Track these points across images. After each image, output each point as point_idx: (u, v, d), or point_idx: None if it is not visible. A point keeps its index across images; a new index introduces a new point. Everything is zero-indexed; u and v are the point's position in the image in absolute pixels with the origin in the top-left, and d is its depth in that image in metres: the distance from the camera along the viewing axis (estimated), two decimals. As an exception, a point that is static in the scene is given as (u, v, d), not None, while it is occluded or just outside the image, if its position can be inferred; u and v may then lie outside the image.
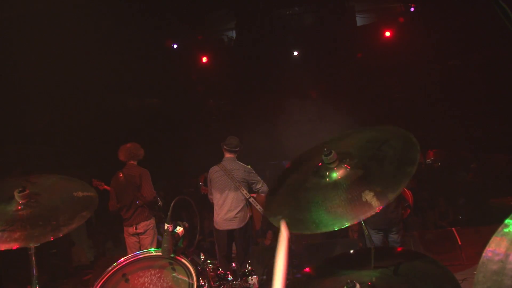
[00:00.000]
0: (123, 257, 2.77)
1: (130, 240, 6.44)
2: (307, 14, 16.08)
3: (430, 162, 16.26)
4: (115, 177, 6.51)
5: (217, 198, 6.11)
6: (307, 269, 2.26)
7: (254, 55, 14.57)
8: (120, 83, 13.25)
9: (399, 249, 2.98)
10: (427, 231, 8.87)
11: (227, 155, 6.23)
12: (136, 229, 6.32)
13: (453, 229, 7.81)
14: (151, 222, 6.41)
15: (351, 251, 2.32)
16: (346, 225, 1.82)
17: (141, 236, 6.35)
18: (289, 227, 2.00)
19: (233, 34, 16.54)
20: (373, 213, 1.78)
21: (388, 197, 1.80)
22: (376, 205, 1.79)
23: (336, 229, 1.86)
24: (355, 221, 1.82)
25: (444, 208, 10.59)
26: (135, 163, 6.48)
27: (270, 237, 9.63)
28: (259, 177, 6.23)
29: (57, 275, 8.89)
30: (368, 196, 1.83)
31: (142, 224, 6.32)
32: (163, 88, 14.77)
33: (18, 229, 2.30)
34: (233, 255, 6.70)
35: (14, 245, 2.25)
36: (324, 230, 1.89)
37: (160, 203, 6.60)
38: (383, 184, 1.87)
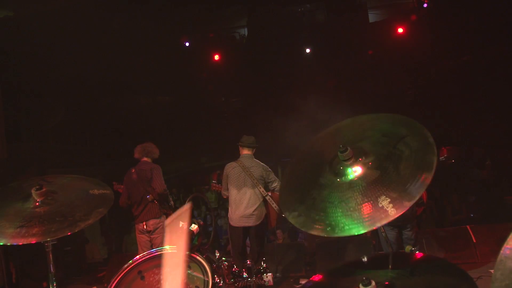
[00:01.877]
0: (138, 254, 2.78)
1: (142, 239, 6.42)
2: (319, 11, 16.01)
3: (444, 159, 16.11)
4: (128, 173, 6.52)
5: (233, 194, 6.01)
6: (318, 276, 2.23)
7: (266, 53, 14.55)
8: (132, 81, 13.33)
9: (419, 254, 2.95)
10: (441, 228, 8.78)
11: (244, 151, 6.15)
12: (146, 226, 6.30)
13: (467, 226, 7.70)
14: (162, 220, 6.37)
15: (365, 259, 2.28)
16: (362, 232, 1.81)
17: (152, 236, 6.34)
18: (306, 227, 1.99)
19: (244, 31, 16.53)
20: (389, 220, 1.77)
21: (404, 205, 1.79)
22: (393, 213, 1.77)
23: (355, 234, 1.85)
24: (372, 228, 1.80)
25: (458, 205, 10.49)
26: (149, 160, 6.50)
27: (280, 236, 9.63)
28: (276, 177, 6.19)
29: (71, 272, 8.96)
30: (384, 202, 1.82)
31: (152, 222, 6.27)
32: (175, 86, 14.83)
33: (36, 225, 2.34)
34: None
35: (32, 240, 2.29)
36: (340, 234, 1.87)
37: (171, 202, 6.57)
38: (399, 190, 1.85)
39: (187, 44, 15.15)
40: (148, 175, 6.26)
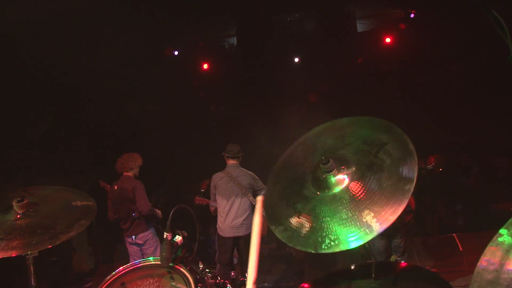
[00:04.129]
0: (123, 265, 2.77)
1: (132, 249, 6.44)
2: (308, 20, 16.10)
3: (431, 167, 16.20)
4: (111, 188, 6.51)
5: (223, 205, 6.01)
6: (304, 285, 2.25)
7: (255, 61, 14.59)
8: (121, 90, 13.27)
9: (402, 263, 2.99)
10: (428, 237, 8.84)
11: (230, 161, 6.19)
12: (134, 239, 6.29)
13: (454, 235, 7.78)
14: (150, 232, 6.37)
15: (352, 267, 2.30)
16: (347, 248, 1.82)
17: (143, 248, 6.34)
18: (294, 242, 2.00)
19: (234, 40, 16.56)
20: (372, 236, 1.78)
21: (389, 219, 1.79)
22: (377, 229, 1.78)
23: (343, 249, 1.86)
24: (358, 245, 1.81)
25: (445, 213, 10.56)
26: (130, 174, 6.42)
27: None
28: (263, 184, 6.18)
29: (58, 283, 8.86)
30: (368, 217, 1.82)
31: (140, 235, 6.29)
32: (164, 95, 14.78)
33: (16, 237, 2.31)
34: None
35: (12, 253, 2.26)
36: (326, 251, 1.89)
37: (159, 215, 6.54)
38: (382, 203, 1.86)
39: (176, 53, 15.15)
40: (130, 196, 6.19)
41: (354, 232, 1.83)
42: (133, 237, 6.27)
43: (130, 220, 6.28)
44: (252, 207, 5.95)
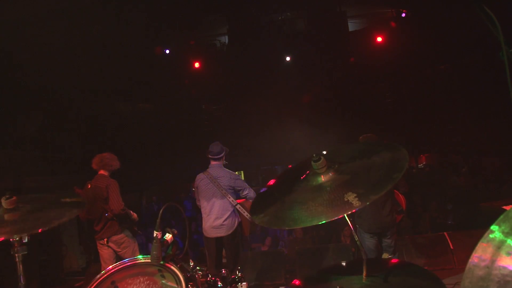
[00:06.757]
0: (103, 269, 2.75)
1: (104, 252, 6.20)
2: (299, 19, 16.14)
3: (422, 166, 16.34)
4: (85, 188, 6.30)
5: (204, 206, 6.04)
6: (296, 281, 2.26)
7: (246, 60, 14.60)
8: (112, 88, 13.22)
9: (393, 260, 3.00)
10: (419, 235, 8.88)
11: (212, 162, 6.14)
12: (107, 242, 6.12)
13: (445, 233, 7.82)
14: (124, 236, 6.13)
15: (343, 263, 2.32)
16: (324, 222, 1.83)
17: (120, 253, 6.15)
18: (269, 224, 2.04)
19: (225, 39, 16.56)
20: (351, 211, 1.80)
21: (370, 198, 1.81)
22: (357, 205, 1.79)
23: (317, 224, 1.89)
24: (334, 218, 1.82)
25: (436, 212, 10.62)
26: (105, 173, 6.24)
27: (268, 243, 9.59)
28: (245, 183, 6.14)
29: (48, 282, 8.80)
30: (350, 197, 1.84)
31: (114, 238, 6.08)
32: (155, 93, 14.76)
33: (8, 225, 2.30)
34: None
35: (0, 238, 2.25)
36: (302, 225, 1.93)
37: (134, 216, 6.34)
38: (367, 187, 1.89)
39: (167, 51, 15.12)
40: (104, 194, 6.00)
41: (333, 209, 1.86)
42: (106, 239, 6.08)
43: (103, 221, 6.06)
44: (233, 208, 5.95)
